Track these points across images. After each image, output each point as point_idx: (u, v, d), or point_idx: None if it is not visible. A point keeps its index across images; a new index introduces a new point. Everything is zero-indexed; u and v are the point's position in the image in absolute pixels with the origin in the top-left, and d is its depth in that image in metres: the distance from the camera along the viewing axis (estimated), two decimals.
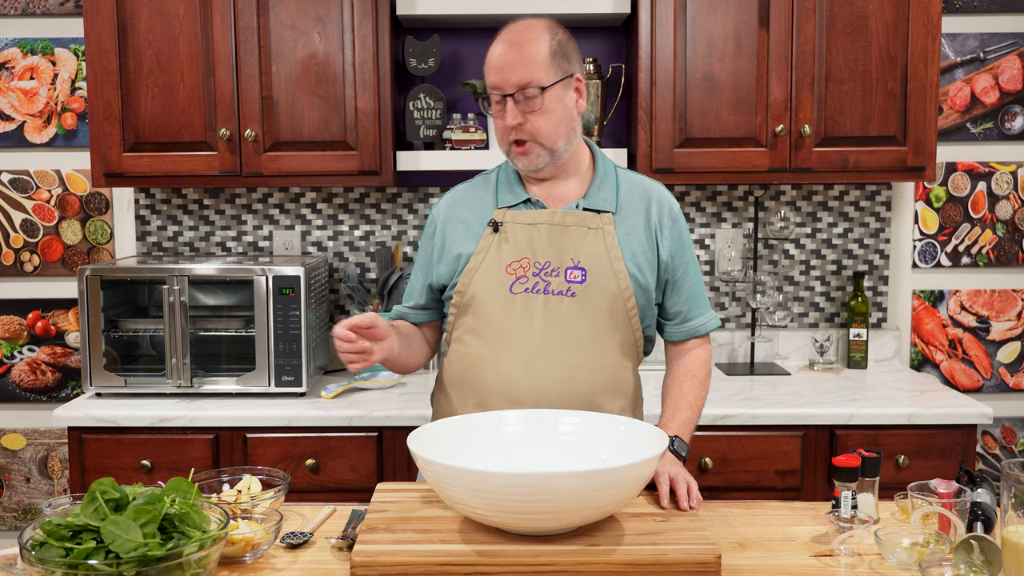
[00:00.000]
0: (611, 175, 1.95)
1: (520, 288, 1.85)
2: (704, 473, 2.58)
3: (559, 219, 1.88)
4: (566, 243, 1.86)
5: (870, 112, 2.79)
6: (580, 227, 1.87)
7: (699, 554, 1.40)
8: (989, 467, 3.27)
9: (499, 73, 1.82)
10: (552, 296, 1.85)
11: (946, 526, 1.57)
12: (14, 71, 3.17)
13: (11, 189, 3.20)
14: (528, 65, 1.80)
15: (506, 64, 1.81)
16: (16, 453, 3.25)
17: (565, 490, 1.37)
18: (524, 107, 1.81)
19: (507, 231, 1.88)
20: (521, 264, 1.86)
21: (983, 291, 3.24)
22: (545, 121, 1.82)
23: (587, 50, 3.11)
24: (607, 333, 1.87)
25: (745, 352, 3.20)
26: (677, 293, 1.97)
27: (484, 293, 1.87)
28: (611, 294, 1.86)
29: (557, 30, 1.88)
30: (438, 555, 1.41)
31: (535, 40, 1.83)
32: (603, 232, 1.87)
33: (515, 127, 1.82)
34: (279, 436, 2.59)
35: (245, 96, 2.78)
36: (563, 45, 1.86)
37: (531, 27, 1.85)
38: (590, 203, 1.90)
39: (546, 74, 1.81)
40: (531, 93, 1.80)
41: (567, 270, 1.85)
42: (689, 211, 3.19)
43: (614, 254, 1.86)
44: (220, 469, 1.81)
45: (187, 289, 2.71)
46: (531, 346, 1.84)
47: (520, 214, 1.89)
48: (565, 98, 1.84)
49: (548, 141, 1.83)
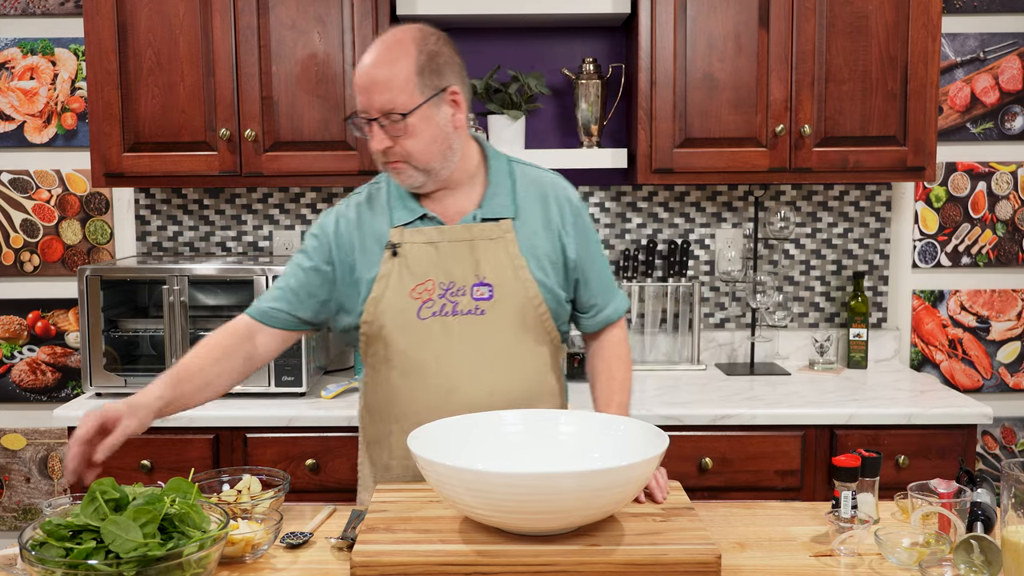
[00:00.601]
0: (505, 176, 1.87)
1: (428, 313, 1.79)
2: (704, 473, 2.58)
3: (457, 235, 1.80)
4: (468, 259, 1.80)
5: (870, 112, 2.79)
6: (481, 240, 1.80)
7: (699, 554, 1.40)
8: (989, 467, 3.27)
9: (363, 95, 1.72)
10: (461, 316, 1.79)
11: (946, 526, 1.57)
12: (14, 71, 3.17)
13: (11, 189, 3.20)
14: (391, 88, 1.69)
15: (369, 86, 1.71)
16: (16, 453, 3.25)
17: (565, 490, 1.37)
18: (390, 131, 1.71)
19: (407, 253, 1.80)
20: (425, 287, 1.79)
21: (983, 291, 3.24)
22: (414, 144, 1.72)
23: (587, 50, 3.12)
24: (522, 344, 1.83)
25: (745, 352, 3.20)
26: (588, 288, 1.91)
27: (392, 323, 1.80)
28: (520, 305, 1.81)
29: (428, 40, 1.75)
30: (438, 555, 1.41)
31: (399, 59, 1.71)
32: (504, 241, 1.81)
33: (382, 151, 1.74)
34: (279, 436, 2.59)
35: (245, 96, 2.78)
36: (434, 58, 1.74)
37: (399, 42, 1.73)
38: (487, 212, 1.82)
39: (410, 96, 1.70)
40: (395, 119, 1.70)
41: (473, 287, 1.79)
42: (689, 211, 3.19)
43: (519, 263, 1.81)
44: (220, 469, 1.81)
45: (187, 289, 2.71)
46: (448, 373, 1.79)
47: (417, 232, 1.81)
48: (436, 117, 1.74)
49: (420, 163, 1.75)
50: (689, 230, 3.19)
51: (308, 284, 1.85)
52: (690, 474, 2.57)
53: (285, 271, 1.88)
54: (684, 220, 3.19)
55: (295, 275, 1.86)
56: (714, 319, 3.23)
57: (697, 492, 2.54)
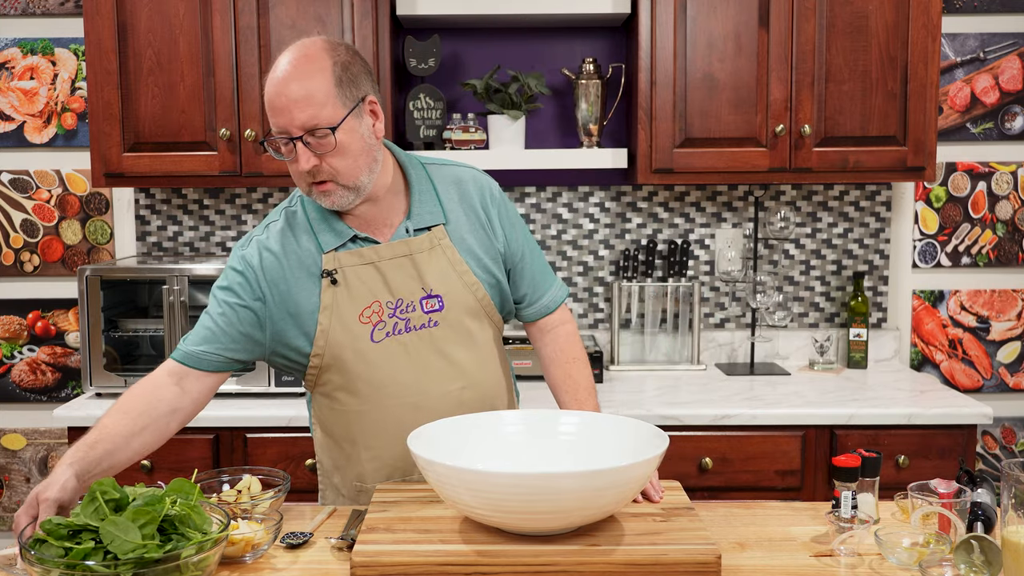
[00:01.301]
0: (425, 180, 1.80)
1: (381, 335, 1.73)
2: (704, 473, 2.58)
3: (394, 251, 1.74)
4: (411, 274, 1.74)
5: (870, 112, 2.79)
6: (418, 253, 1.75)
7: (699, 554, 1.40)
8: (989, 467, 3.27)
9: (282, 115, 1.61)
10: (416, 332, 1.75)
11: (946, 526, 1.57)
12: (14, 71, 3.17)
13: (11, 189, 3.20)
14: (312, 103, 1.60)
15: (288, 104, 1.60)
16: (16, 453, 3.25)
17: (565, 490, 1.37)
18: (316, 148, 1.62)
19: (346, 278, 1.72)
20: (373, 310, 1.73)
21: (983, 291, 3.24)
22: (342, 160, 1.64)
23: (587, 50, 3.12)
24: (478, 343, 1.81)
25: (745, 352, 3.20)
26: (521, 277, 1.87)
27: (346, 351, 1.73)
28: (471, 308, 1.79)
29: (338, 51, 1.67)
30: (438, 555, 1.41)
31: (315, 73, 1.62)
32: (442, 248, 1.76)
33: (309, 171, 1.64)
34: (279, 436, 2.59)
35: (245, 96, 2.78)
36: (347, 68, 1.65)
37: (308, 56, 1.63)
38: (417, 222, 1.76)
39: (334, 110, 1.62)
40: (322, 134, 1.61)
41: (421, 300, 1.75)
42: (689, 211, 3.19)
43: (461, 268, 1.77)
44: (220, 469, 1.81)
45: (187, 289, 2.71)
46: (412, 390, 1.75)
47: (353, 255, 1.73)
48: (359, 129, 1.66)
49: (349, 180, 1.66)
50: (689, 230, 3.20)
51: (238, 323, 1.73)
52: (690, 474, 2.57)
53: (209, 310, 1.75)
54: (684, 220, 3.19)
55: (223, 314, 1.73)
56: (714, 319, 3.23)
57: (697, 492, 2.54)
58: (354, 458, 1.82)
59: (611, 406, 2.56)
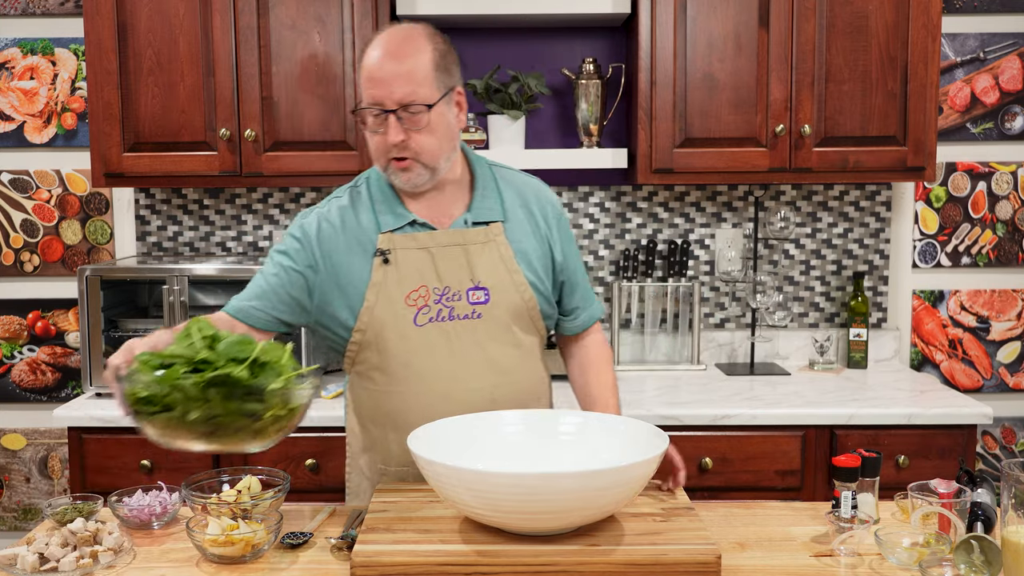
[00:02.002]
0: (490, 180, 1.86)
1: (424, 319, 1.76)
2: (704, 473, 2.58)
3: (450, 239, 1.78)
4: (461, 264, 1.78)
5: (870, 112, 2.79)
6: (472, 244, 1.79)
7: (699, 554, 1.40)
8: (989, 467, 3.27)
9: (380, 87, 1.67)
10: (459, 321, 1.77)
11: (946, 526, 1.57)
12: (14, 71, 3.17)
13: (11, 189, 3.20)
14: (413, 80, 1.67)
15: (388, 77, 1.67)
16: (16, 453, 3.25)
17: (565, 490, 1.37)
18: (408, 124, 1.69)
19: (398, 260, 1.77)
20: (420, 293, 1.76)
21: (983, 291, 3.24)
22: (429, 139, 1.71)
23: (587, 50, 3.12)
24: (518, 346, 1.83)
25: (745, 352, 3.20)
26: (573, 291, 1.93)
27: (387, 331, 1.76)
28: (516, 308, 1.81)
29: (438, 39, 1.75)
30: (438, 555, 1.41)
31: (418, 52, 1.69)
32: (496, 244, 1.80)
33: (396, 144, 1.70)
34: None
35: (245, 96, 2.78)
36: (445, 57, 1.74)
37: (412, 36, 1.72)
38: (477, 216, 1.81)
39: (430, 90, 1.69)
40: (416, 110, 1.68)
41: (468, 291, 1.78)
42: (689, 211, 3.19)
43: (512, 266, 1.80)
44: (220, 469, 1.81)
45: (187, 289, 2.71)
46: (447, 377, 1.77)
47: (407, 238, 1.78)
48: (447, 114, 1.74)
49: (431, 160, 1.73)
50: (689, 230, 3.20)
51: (289, 285, 1.79)
52: (690, 474, 2.55)
53: (264, 269, 1.82)
54: (684, 220, 3.19)
55: (276, 275, 1.80)
56: (714, 319, 3.23)
57: (697, 492, 2.54)
58: (380, 440, 1.84)
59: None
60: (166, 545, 1.63)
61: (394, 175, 1.75)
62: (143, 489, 1.75)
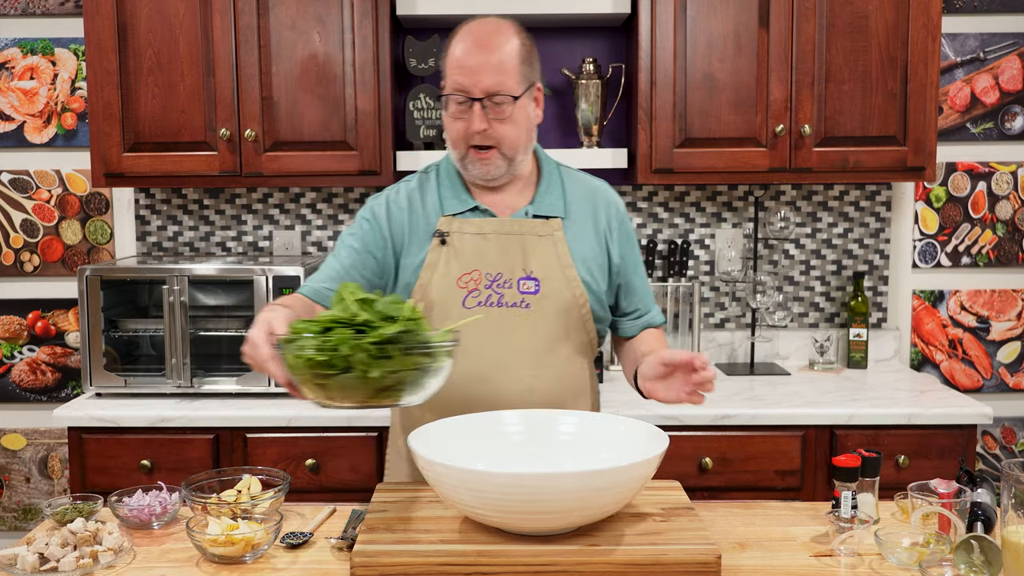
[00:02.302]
0: (556, 177, 1.90)
1: (473, 302, 1.79)
2: (704, 473, 2.58)
3: (508, 227, 1.82)
4: (516, 253, 1.81)
5: (870, 112, 2.79)
6: (530, 235, 1.82)
7: (699, 554, 1.40)
8: (989, 467, 3.27)
9: (468, 75, 1.72)
10: (507, 308, 1.80)
11: (946, 526, 1.57)
12: (14, 71, 3.17)
13: (11, 189, 3.20)
14: (502, 71, 1.72)
15: (476, 66, 1.72)
16: (16, 453, 3.25)
17: (565, 490, 1.37)
18: (492, 114, 1.73)
19: (454, 242, 1.81)
20: (472, 277, 1.80)
21: (983, 291, 3.24)
22: (511, 130, 1.75)
23: (587, 50, 3.11)
24: (563, 341, 1.84)
25: (745, 352, 3.20)
26: (630, 294, 1.94)
27: (436, 310, 1.80)
28: (566, 303, 1.82)
29: (524, 35, 1.80)
30: (438, 555, 1.41)
31: (506, 44, 1.75)
32: (553, 239, 1.83)
33: (479, 132, 1.74)
34: (279, 436, 2.59)
35: (245, 96, 2.78)
36: (530, 53, 1.79)
37: (501, 29, 1.77)
38: (538, 209, 1.84)
39: (516, 83, 1.74)
40: (501, 100, 1.73)
41: (520, 281, 1.80)
42: (689, 211, 3.19)
43: (566, 262, 1.82)
44: (220, 469, 1.81)
45: (187, 289, 2.71)
46: (488, 362, 1.79)
47: (467, 223, 1.82)
48: (528, 107, 1.79)
49: (510, 151, 1.77)
50: (689, 230, 3.20)
51: (361, 267, 1.84)
52: (690, 474, 2.57)
53: (336, 252, 1.87)
54: (684, 220, 3.19)
55: (348, 256, 1.85)
56: (714, 319, 3.23)
57: (697, 492, 2.54)
58: (418, 420, 1.85)
59: (611, 406, 2.56)
60: (166, 545, 1.63)
61: (471, 164, 1.80)
62: (143, 489, 1.75)
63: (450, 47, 1.78)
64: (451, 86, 1.75)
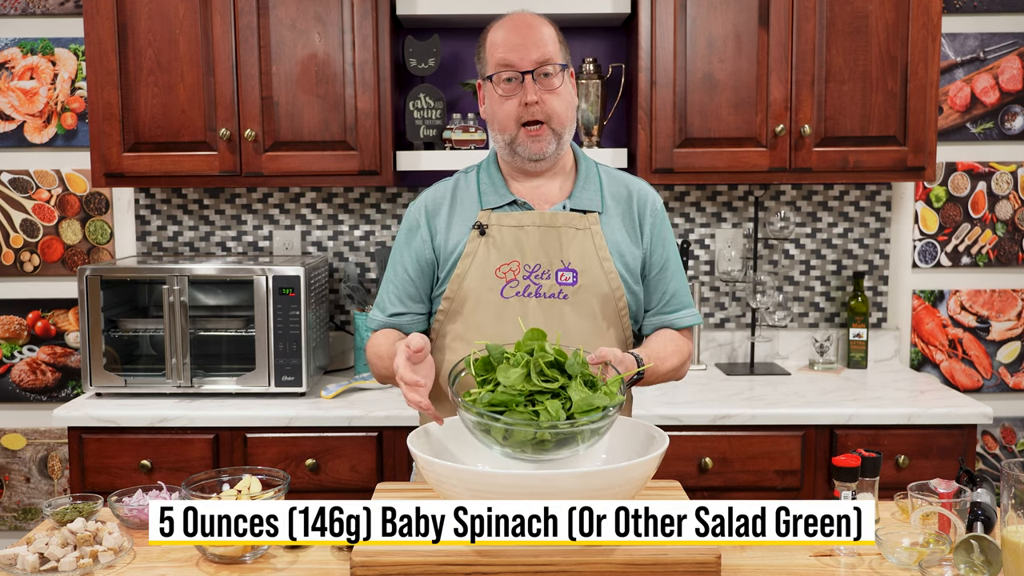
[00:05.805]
0: (594, 174, 1.93)
1: (511, 292, 1.83)
2: (704, 473, 2.58)
3: (547, 220, 1.85)
4: (555, 245, 1.84)
5: (870, 112, 2.79)
6: (568, 228, 1.85)
7: (699, 554, 1.40)
8: (989, 467, 3.27)
9: (515, 51, 1.80)
10: (544, 299, 1.83)
11: (946, 526, 1.57)
12: (14, 71, 3.17)
13: (11, 189, 3.20)
14: (546, 44, 1.81)
15: (524, 42, 1.80)
16: (16, 453, 3.25)
17: (565, 491, 1.37)
18: (543, 84, 1.80)
19: (493, 233, 1.85)
20: (511, 267, 1.83)
21: (983, 291, 3.24)
22: (559, 102, 1.82)
23: (587, 50, 3.11)
24: (600, 333, 1.86)
25: (745, 352, 3.20)
26: (660, 284, 1.92)
27: (474, 298, 1.84)
28: (603, 295, 1.85)
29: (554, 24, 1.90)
30: (438, 555, 1.41)
31: (544, 25, 1.85)
32: (591, 232, 1.86)
33: (532, 104, 1.79)
34: (279, 436, 2.59)
35: (245, 96, 2.78)
36: (563, 38, 1.89)
37: (536, 16, 1.88)
38: (576, 203, 1.88)
39: (560, 56, 1.83)
40: (550, 70, 1.80)
41: (558, 272, 1.83)
42: (689, 211, 3.19)
43: (603, 255, 1.85)
44: (220, 469, 1.81)
45: (187, 289, 2.71)
46: None
47: (506, 216, 1.86)
48: (569, 84, 1.87)
49: (559, 125, 1.83)
50: (689, 230, 3.20)
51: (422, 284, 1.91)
52: (690, 474, 2.57)
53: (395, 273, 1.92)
54: (684, 220, 3.19)
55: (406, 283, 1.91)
56: (714, 319, 3.23)
57: (697, 492, 2.54)
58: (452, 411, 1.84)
59: None
60: (166, 545, 1.63)
61: (522, 145, 1.83)
62: (143, 489, 1.75)
63: (488, 38, 1.86)
64: (497, 64, 1.81)
